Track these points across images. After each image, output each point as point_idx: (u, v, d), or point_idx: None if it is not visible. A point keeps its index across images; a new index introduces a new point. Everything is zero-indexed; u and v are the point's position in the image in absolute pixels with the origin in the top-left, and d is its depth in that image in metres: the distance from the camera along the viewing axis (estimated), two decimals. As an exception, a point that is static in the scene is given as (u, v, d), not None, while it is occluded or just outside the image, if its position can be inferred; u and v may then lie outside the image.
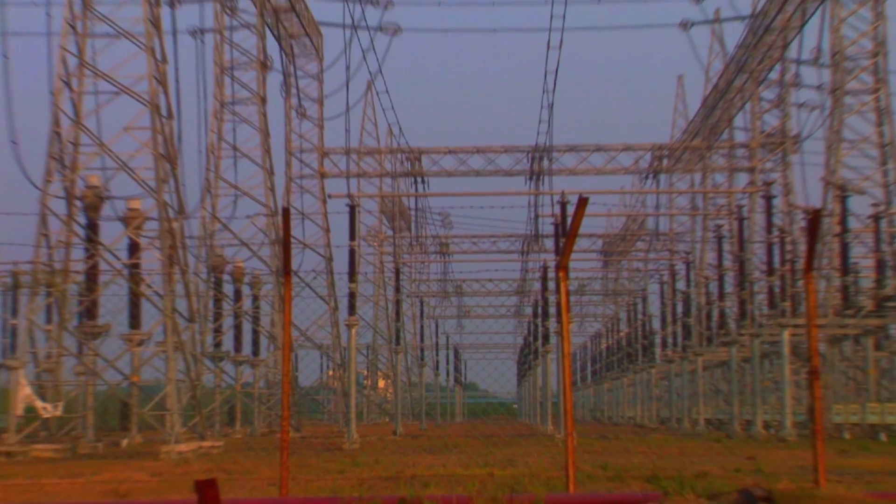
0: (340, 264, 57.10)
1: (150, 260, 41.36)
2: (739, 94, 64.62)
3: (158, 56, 41.60)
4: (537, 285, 66.40)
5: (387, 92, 59.69)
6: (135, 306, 41.22)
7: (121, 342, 41.50)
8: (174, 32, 44.55)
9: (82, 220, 40.85)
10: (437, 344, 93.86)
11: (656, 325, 76.92)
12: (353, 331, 50.02)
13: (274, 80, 57.55)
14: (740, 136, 66.57)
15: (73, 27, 40.77)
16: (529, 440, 45.62)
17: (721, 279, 61.00)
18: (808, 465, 16.34)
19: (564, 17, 45.50)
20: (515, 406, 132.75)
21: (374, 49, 51.88)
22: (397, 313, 66.61)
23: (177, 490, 19.11)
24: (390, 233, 76.58)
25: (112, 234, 41.39)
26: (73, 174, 40.55)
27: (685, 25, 56.99)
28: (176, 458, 33.91)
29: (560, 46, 48.62)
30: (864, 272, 52.46)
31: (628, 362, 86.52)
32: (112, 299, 41.44)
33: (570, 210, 36.81)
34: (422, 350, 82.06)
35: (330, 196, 61.91)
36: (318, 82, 62.71)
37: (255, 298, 56.88)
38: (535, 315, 67.70)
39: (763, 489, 14.04)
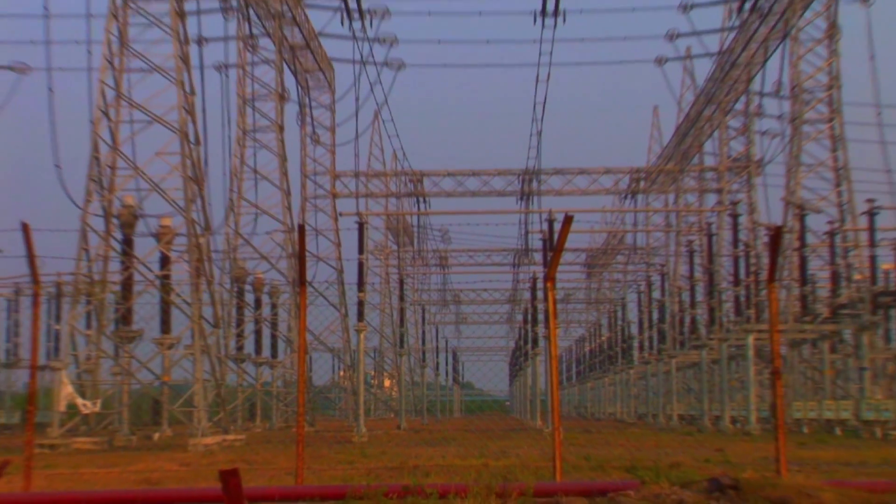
0: (350, 275, 57.22)
1: (180, 272, 41.45)
2: (708, 123, 64.68)
3: (187, 88, 41.68)
4: (527, 294, 66.52)
5: (392, 121, 60.14)
6: (165, 313, 41.30)
7: (153, 345, 41.61)
8: (201, 67, 44.59)
9: (118, 235, 41.02)
10: (437, 347, 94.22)
11: (634, 330, 76.94)
12: (362, 335, 50.22)
13: (291, 110, 57.66)
14: (709, 161, 66.65)
15: (111, 63, 40.92)
16: (520, 434, 45.61)
17: (692, 289, 61.04)
18: (770, 457, 16.35)
19: (552, 53, 45.61)
20: (508, 403, 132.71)
21: (380, 82, 52.04)
22: (401, 320, 66.67)
23: (203, 479, 19.11)
24: (395, 247, 76.57)
25: (145, 248, 41.56)
26: (111, 194, 40.68)
27: (660, 61, 57.07)
28: (202, 450, 33.95)
29: (547, 80, 48.67)
30: (821, 283, 52.50)
31: (609, 364, 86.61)
32: (145, 307, 41.57)
33: (557, 227, 36.85)
34: (423, 353, 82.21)
35: (341, 214, 62.05)
36: (331, 112, 62.78)
37: (274, 306, 56.93)
38: (525, 321, 67.88)
39: (730, 478, 14.04)
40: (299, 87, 59.61)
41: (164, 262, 41.27)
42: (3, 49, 61.40)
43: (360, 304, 51.50)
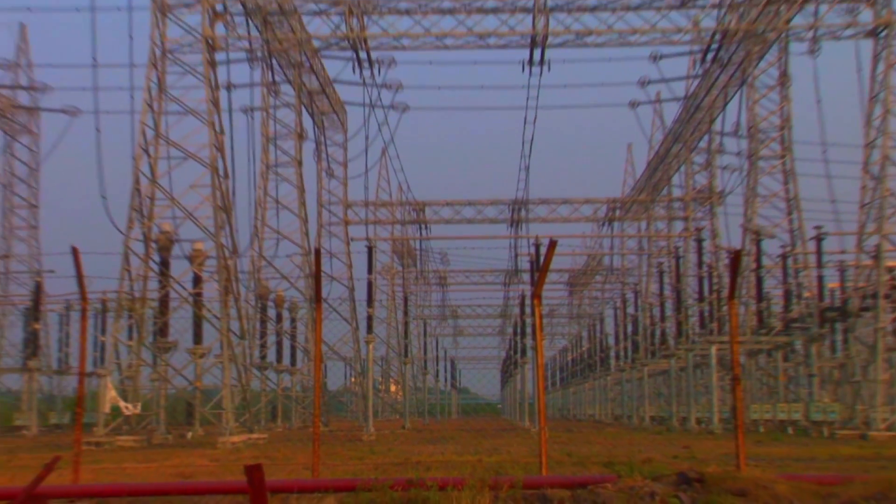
0: (360, 293, 57.17)
1: (210, 290, 41.44)
2: (676, 159, 64.69)
3: (217, 129, 41.78)
4: (517, 310, 66.44)
5: (397, 157, 60.13)
6: (197, 326, 41.29)
7: (186, 355, 41.59)
8: (230, 110, 44.69)
9: (157, 258, 41.12)
10: (437, 356, 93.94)
11: (611, 341, 76.84)
12: (371, 346, 50.16)
13: (308, 147, 57.65)
14: (677, 192, 66.57)
15: (150, 107, 41.06)
16: (510, 433, 45.54)
17: (662, 305, 61.08)
18: (731, 453, 16.30)
19: (538, 97, 45.66)
20: (499, 406, 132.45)
21: (387, 123, 52.08)
22: (405, 332, 66.75)
23: (230, 473, 19.07)
24: (400, 268, 76.50)
25: (180, 269, 41.62)
26: (150, 222, 40.78)
27: (633, 105, 57.04)
28: (230, 447, 33.91)
29: (534, 121, 48.83)
30: (775, 300, 52.45)
31: (589, 371, 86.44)
32: (179, 321, 41.64)
33: (543, 250, 36.76)
34: (425, 361, 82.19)
35: (352, 239, 61.94)
36: (343, 149, 62.75)
37: (293, 320, 56.84)
38: (514, 334, 67.77)
39: (696, 472, 14.02)
40: (316, 128, 59.63)
41: (197, 281, 41.30)
42: (57, 94, 61.33)
43: (369, 318, 51.61)
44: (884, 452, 26.76)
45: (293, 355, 57.29)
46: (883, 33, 41.91)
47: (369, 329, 51.49)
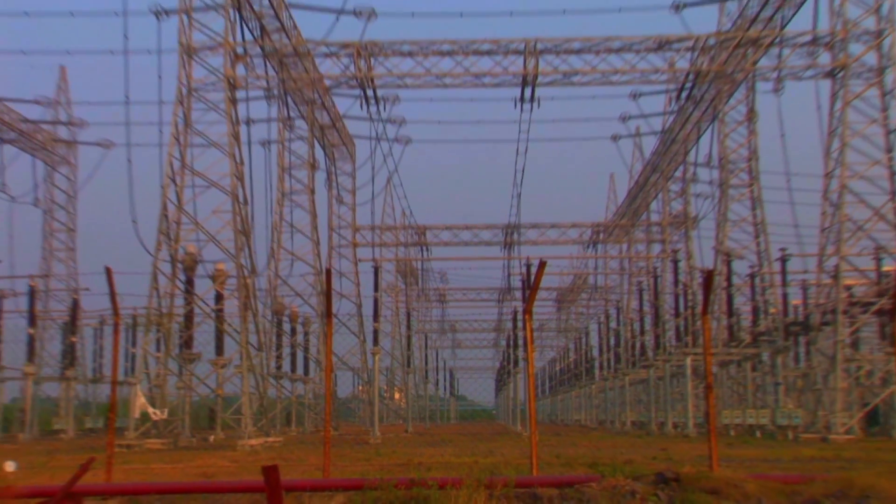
0: (367, 309, 57.16)
1: (231, 306, 41.43)
2: (654, 187, 64.76)
3: (238, 160, 41.86)
4: (510, 325, 66.41)
5: (401, 185, 60.30)
6: (219, 339, 41.31)
7: (209, 365, 41.57)
8: (249, 143, 44.72)
9: (182, 277, 41.06)
10: (437, 367, 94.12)
11: (595, 353, 76.83)
12: (377, 357, 50.15)
13: (320, 177, 57.73)
14: (655, 217, 66.64)
15: (177, 140, 41.12)
16: (504, 437, 45.48)
17: (641, 320, 61.08)
18: (704, 455, 16.28)
19: (528, 131, 45.74)
20: (494, 412, 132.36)
21: (391, 154, 52.34)
22: (408, 345, 66.83)
23: (249, 473, 19.05)
24: (403, 287, 76.47)
25: (203, 287, 41.64)
26: (176, 244, 40.77)
27: (615, 138, 57.19)
28: (248, 449, 33.85)
29: (525, 152, 48.88)
30: (744, 315, 52.50)
31: (575, 380, 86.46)
32: (203, 334, 41.71)
33: (533, 270, 36.72)
34: (426, 371, 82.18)
35: (360, 260, 62.05)
36: (352, 178, 62.84)
37: (306, 334, 56.83)
38: (508, 346, 67.82)
39: (673, 472, 14.02)
40: (327, 159, 59.73)
41: (219, 298, 41.32)
42: (93, 129, 61.43)
43: (375, 332, 51.71)
44: (843, 454, 26.75)
45: (306, 366, 57.27)
46: (840, 74, 41.98)
47: (375, 342, 51.61)
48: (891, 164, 41.15)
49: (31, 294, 55.10)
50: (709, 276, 18.16)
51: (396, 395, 79.86)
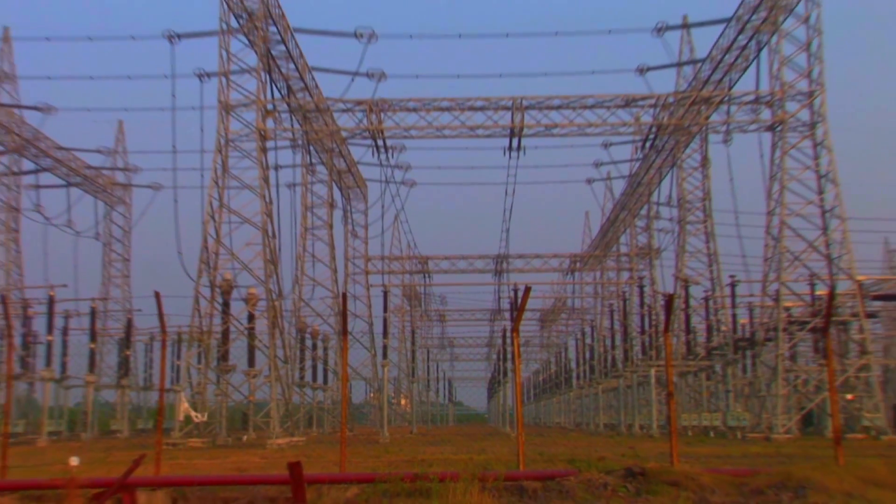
0: (377, 328, 57.09)
1: (261, 325, 41.37)
2: (622, 223, 64.88)
3: (267, 200, 41.90)
4: (500, 341, 66.39)
5: (406, 221, 60.32)
6: (251, 353, 41.19)
7: (242, 375, 41.43)
8: (277, 185, 44.87)
9: (220, 300, 41.01)
10: (437, 377, 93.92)
11: (573, 365, 76.72)
12: (386, 369, 50.17)
13: (337, 214, 57.80)
14: (624, 249, 66.71)
15: (216, 183, 41.18)
16: (495, 437, 45.36)
17: (612, 337, 61.00)
18: (667, 452, 16.26)
19: (516, 174, 45.85)
20: (486, 415, 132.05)
21: (398, 195, 52.42)
22: (413, 358, 66.75)
23: (276, 468, 18.99)
24: (408, 308, 76.39)
25: (238, 308, 41.53)
26: (215, 272, 40.77)
27: (589, 181, 57.34)
28: (276, 448, 33.79)
29: (513, 193, 48.97)
30: (700, 332, 52.46)
31: (556, 388, 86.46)
32: (237, 349, 41.48)
33: (520, 294, 36.72)
34: (428, 381, 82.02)
35: (371, 286, 62.02)
36: (364, 215, 62.92)
37: (325, 349, 56.73)
38: (498, 359, 67.81)
39: (639, 467, 13.98)
40: (343, 199, 59.85)
41: (251, 318, 41.25)
42: (145, 174, 61.68)
43: (385, 347, 51.83)
44: (783, 451, 26.73)
45: (325, 376, 57.14)
46: (779, 128, 42.09)
47: (384, 355, 51.73)
48: (822, 204, 41.24)
49: (93, 314, 55.15)
50: (669, 300, 18.18)
51: (402, 401, 79.61)
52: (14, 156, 55.31)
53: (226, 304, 41.22)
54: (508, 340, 54.51)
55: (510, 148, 43.83)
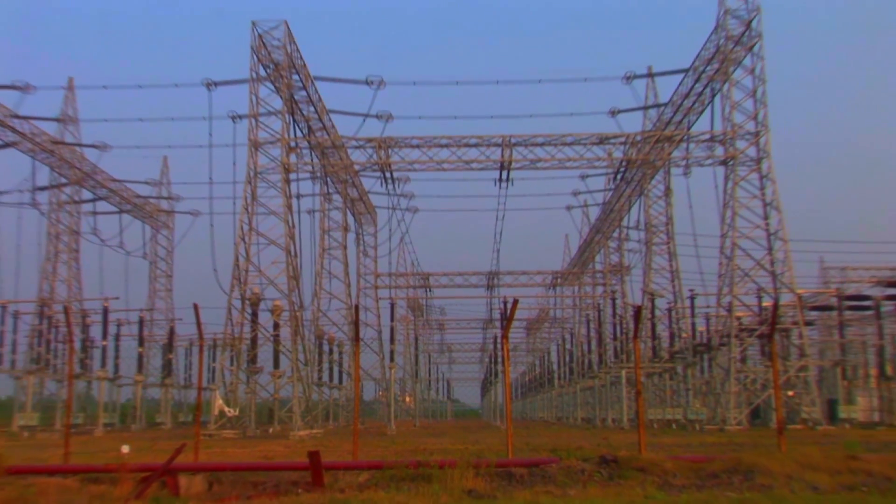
0: (385, 335, 57.00)
1: (285, 332, 41.32)
2: (597, 244, 64.85)
3: (290, 224, 41.92)
4: (491, 347, 66.41)
5: (410, 242, 60.21)
6: (276, 357, 41.15)
7: (269, 376, 41.38)
8: (298, 212, 45.12)
9: (249, 311, 40.99)
10: (437, 377, 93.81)
11: (555, 367, 76.65)
12: (392, 371, 50.14)
13: (350, 237, 57.74)
14: (599, 266, 66.65)
15: (246, 210, 41.24)
16: (487, 430, 45.39)
17: (589, 343, 60.98)
18: (635, 442, 16.26)
19: (505, 202, 45.92)
20: (479, 411, 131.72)
21: (403, 220, 52.38)
22: (416, 361, 66.64)
23: (298, 456, 18.98)
24: (412, 318, 76.25)
25: (265, 318, 41.52)
26: (245, 286, 40.80)
27: (569, 208, 57.38)
28: (297, 439, 33.76)
29: (503, 218, 48.96)
30: (664, 338, 52.43)
31: (540, 387, 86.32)
32: (264, 353, 41.46)
33: (509, 306, 36.71)
34: (429, 381, 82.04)
35: (380, 298, 61.86)
36: (374, 238, 62.82)
37: (340, 353, 56.65)
38: (490, 362, 67.80)
39: (612, 455, 13.99)
40: (356, 223, 59.80)
41: (276, 326, 41.22)
42: (186, 202, 61.73)
43: (392, 352, 51.80)
44: (735, 440, 26.75)
45: (340, 376, 57.05)
46: (730, 163, 42.20)
47: (391, 359, 51.70)
48: (767, 228, 41.33)
49: (140, 323, 55.17)
50: (638, 311, 18.21)
51: (407, 399, 79.38)
52: (75, 187, 55.57)
53: (254, 315, 41.22)
54: (499, 346, 54.52)
55: (500, 179, 43.92)
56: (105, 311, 52.34)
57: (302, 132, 46.21)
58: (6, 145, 48.72)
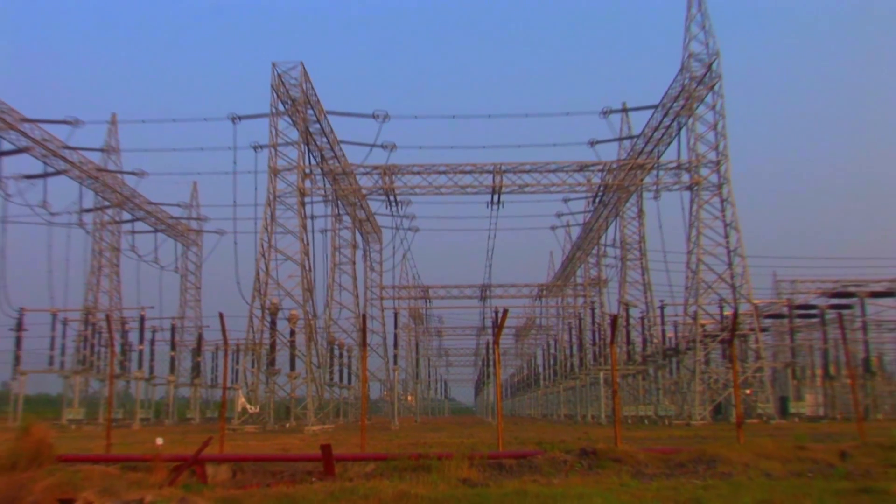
0: (390, 340, 56.85)
1: (300, 338, 41.28)
2: (578, 260, 64.86)
3: (305, 242, 41.97)
4: (484, 351, 66.32)
5: (412, 258, 60.22)
6: (292, 360, 41.08)
7: (286, 377, 41.33)
8: (312, 231, 44.88)
9: (268, 319, 40.96)
10: (436, 379, 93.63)
11: (541, 369, 76.51)
12: (396, 372, 50.11)
13: (359, 253, 57.77)
14: (580, 279, 66.66)
15: (266, 229, 41.20)
16: (480, 426, 45.26)
17: (571, 348, 60.86)
18: (612, 436, 16.26)
19: (497, 222, 45.97)
20: (473, 409, 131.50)
21: (406, 238, 52.43)
22: (417, 364, 66.55)
23: (312, 448, 18.95)
24: (413, 325, 76.19)
25: (282, 325, 41.48)
26: (265, 297, 40.74)
27: (553, 227, 57.28)
28: (311, 433, 33.64)
29: (494, 237, 48.98)
30: (637, 344, 52.42)
31: (527, 387, 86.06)
32: (282, 357, 41.41)
33: (500, 315, 36.66)
34: (428, 382, 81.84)
35: (385, 308, 61.80)
36: (380, 254, 62.89)
37: (349, 357, 56.54)
38: (483, 365, 67.69)
39: (591, 447, 13.98)
40: (363, 242, 59.82)
41: (292, 333, 41.17)
42: (213, 222, 61.72)
43: (395, 356, 51.68)
44: (699, 433, 26.71)
45: (349, 378, 56.92)
46: (695, 188, 42.34)
47: (395, 362, 51.70)
48: (728, 246, 41.43)
49: (172, 329, 55.28)
50: (614, 319, 18.24)
51: (409, 398, 79.27)
52: (117, 209, 55.88)
53: (273, 323, 41.19)
54: (491, 351, 54.50)
55: (492, 202, 43.99)
56: (142, 319, 52.64)
57: (316, 160, 46.29)
58: (58, 172, 49.13)
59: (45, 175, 48.50)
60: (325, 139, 45.97)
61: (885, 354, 61.53)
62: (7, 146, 46.26)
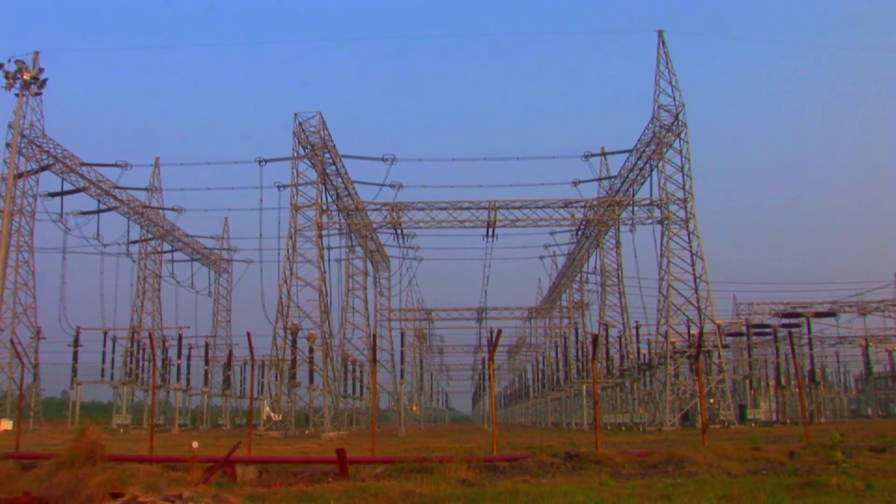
0: (397, 357, 56.61)
1: (318, 355, 41.22)
2: (563, 286, 64.83)
3: (322, 270, 41.94)
4: (480, 367, 66.09)
5: (417, 285, 60.13)
6: (311, 374, 40.98)
7: (305, 389, 41.22)
8: (329, 261, 44.90)
9: (290, 338, 40.89)
10: (438, 391, 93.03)
11: (531, 382, 76.21)
12: (402, 386, 49.92)
13: (370, 280, 57.79)
14: (565, 303, 66.57)
15: (288, 259, 41.29)
16: (477, 432, 45.09)
17: (557, 363, 60.66)
18: (593, 441, 16.24)
19: (491, 253, 46.04)
20: (471, 418, 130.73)
21: (411, 267, 52.34)
22: (421, 378, 66.38)
23: (329, 452, 18.91)
24: (418, 344, 76.03)
25: (302, 343, 41.35)
26: (287, 319, 40.70)
27: (541, 257, 57.24)
28: (328, 438, 33.51)
29: (489, 265, 49.03)
30: (615, 360, 52.30)
31: (519, 398, 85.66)
32: (302, 371, 41.36)
33: (494, 335, 36.65)
34: (431, 393, 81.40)
35: (392, 329, 61.69)
36: (388, 281, 62.89)
37: (362, 372, 56.42)
38: (479, 379, 67.44)
39: (575, 451, 14.01)
40: (374, 270, 59.83)
41: (311, 350, 41.12)
42: (241, 252, 61.78)
43: (402, 371, 51.42)
44: (670, 438, 26.65)
45: (361, 390, 56.77)
46: (666, 223, 42.47)
47: (402, 376, 51.38)
48: (694, 273, 41.49)
49: (206, 346, 55.40)
50: (595, 338, 18.29)
51: (414, 408, 78.95)
52: (159, 241, 56.33)
53: (294, 341, 41.11)
54: (486, 366, 54.36)
55: (487, 235, 44.08)
56: (180, 337, 52.85)
57: (332, 198, 46.46)
58: (109, 209, 50.45)
59: (98, 211, 49.81)
60: (340, 179, 46.16)
61: (827, 367, 63.49)
62: (68, 186, 48.35)
